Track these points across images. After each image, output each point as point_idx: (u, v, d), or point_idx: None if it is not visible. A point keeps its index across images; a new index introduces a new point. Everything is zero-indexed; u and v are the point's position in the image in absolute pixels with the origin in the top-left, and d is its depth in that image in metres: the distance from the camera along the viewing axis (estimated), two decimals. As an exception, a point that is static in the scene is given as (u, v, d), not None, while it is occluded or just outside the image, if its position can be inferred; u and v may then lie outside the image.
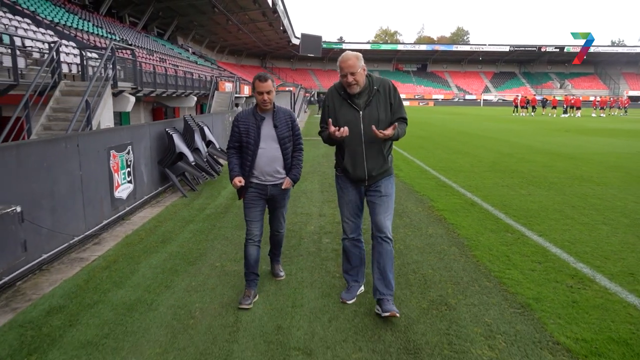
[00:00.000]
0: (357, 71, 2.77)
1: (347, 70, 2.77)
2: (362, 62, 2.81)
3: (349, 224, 3.06)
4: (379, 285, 2.91)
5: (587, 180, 7.58)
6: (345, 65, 2.77)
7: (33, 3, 20.00)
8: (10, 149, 3.41)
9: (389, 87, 2.89)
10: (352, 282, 3.18)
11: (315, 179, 7.92)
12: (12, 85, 9.60)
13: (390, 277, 2.90)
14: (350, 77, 2.77)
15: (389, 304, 2.85)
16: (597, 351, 2.50)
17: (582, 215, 5.34)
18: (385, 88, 2.87)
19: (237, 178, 3.10)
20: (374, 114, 2.82)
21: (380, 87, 2.87)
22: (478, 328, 2.77)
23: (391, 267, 2.92)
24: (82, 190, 4.37)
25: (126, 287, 3.39)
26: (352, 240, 3.09)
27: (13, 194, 3.33)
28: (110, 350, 2.54)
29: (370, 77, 2.88)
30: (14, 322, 2.89)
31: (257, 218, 3.16)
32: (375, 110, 2.83)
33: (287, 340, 2.66)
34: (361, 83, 2.81)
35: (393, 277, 2.95)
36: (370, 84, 2.86)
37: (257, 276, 3.22)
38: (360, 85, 2.81)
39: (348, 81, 2.78)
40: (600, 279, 3.49)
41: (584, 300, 3.13)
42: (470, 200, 6.12)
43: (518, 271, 3.64)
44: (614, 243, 4.32)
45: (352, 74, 2.76)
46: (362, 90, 2.84)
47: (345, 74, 2.77)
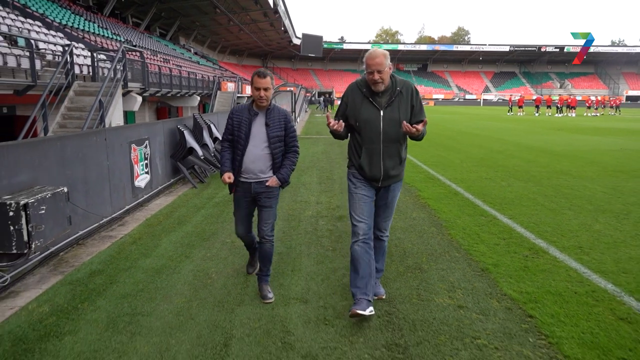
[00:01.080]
0: (385, 69, 2.74)
1: (374, 67, 2.73)
2: (389, 60, 2.77)
3: (361, 223, 2.89)
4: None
5: (565, 173, 8.20)
6: (372, 63, 2.73)
7: (41, 5, 20.66)
8: (54, 141, 4.05)
9: (412, 90, 2.87)
10: (360, 294, 2.79)
11: (314, 173, 8.55)
12: (31, 86, 10.27)
13: (377, 266, 3.08)
14: (377, 75, 2.74)
15: (377, 286, 3.15)
16: (535, 299, 3.12)
17: (551, 203, 5.96)
18: (409, 90, 2.86)
19: (226, 174, 3.07)
20: (394, 114, 2.81)
21: (404, 88, 2.85)
22: (443, 285, 3.40)
23: (379, 258, 3.12)
24: (109, 178, 5.01)
25: (152, 256, 4.03)
26: (363, 242, 2.86)
27: (58, 179, 3.97)
28: (146, 300, 3.18)
29: (393, 77, 2.85)
30: (64, 281, 3.53)
31: (244, 218, 3.23)
32: (396, 111, 2.81)
33: (287, 293, 3.29)
34: (387, 82, 2.79)
35: (383, 264, 3.20)
36: (393, 84, 2.84)
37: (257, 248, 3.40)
38: (385, 84, 2.79)
39: (374, 79, 2.75)
40: (553, 251, 4.12)
41: (534, 266, 3.75)
42: (454, 191, 6.75)
43: (484, 245, 4.27)
44: (573, 224, 4.95)
45: (379, 72, 2.73)
46: (385, 89, 2.82)
47: (372, 71, 2.73)
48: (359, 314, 2.68)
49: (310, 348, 2.58)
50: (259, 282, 3.26)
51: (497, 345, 2.59)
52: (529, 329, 2.76)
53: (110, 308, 3.06)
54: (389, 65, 2.77)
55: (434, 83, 73.39)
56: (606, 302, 3.10)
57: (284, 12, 45.11)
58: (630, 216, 5.28)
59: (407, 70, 76.39)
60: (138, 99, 14.47)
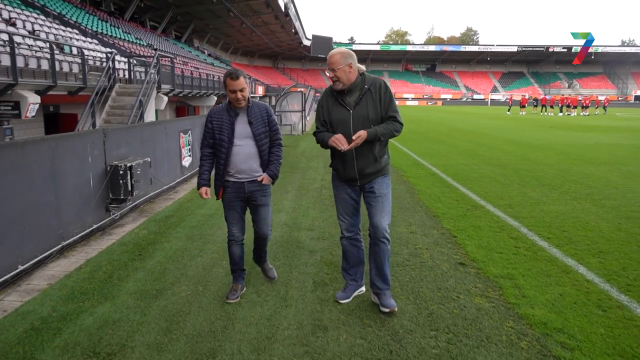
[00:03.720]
0: (340, 67, 2.74)
1: (329, 65, 2.78)
2: (349, 59, 2.76)
3: (344, 221, 3.02)
4: (376, 280, 3.00)
5: (531, 161, 9.74)
6: (328, 62, 2.78)
7: (73, 13, 22.65)
8: (138, 127, 5.79)
9: (379, 86, 2.83)
10: (350, 281, 3.13)
11: (320, 160, 10.23)
12: (81, 88, 12.11)
13: (386, 273, 2.97)
14: (331, 72, 2.77)
15: (387, 298, 2.96)
16: (462, 229, 4.75)
17: (506, 180, 7.55)
18: (376, 86, 2.82)
19: (203, 188, 3.03)
20: (363, 112, 2.79)
21: (372, 86, 2.82)
22: (404, 222, 5.04)
23: (387, 264, 2.98)
24: (167, 156, 6.75)
25: (204, 208, 5.75)
26: (349, 239, 3.03)
27: (141, 153, 5.71)
28: (207, 227, 4.88)
29: (363, 75, 2.84)
30: (150, 219, 5.26)
31: (237, 220, 3.12)
32: (365, 109, 2.79)
33: (299, 226, 4.97)
34: (344, 80, 2.77)
35: (389, 273, 3.05)
36: (362, 82, 2.82)
37: (244, 271, 3.28)
38: (343, 82, 2.78)
39: (330, 77, 2.80)
40: (489, 207, 5.73)
41: (471, 214, 5.38)
42: (433, 172, 8.37)
43: (441, 203, 5.90)
44: (513, 193, 6.55)
45: (333, 70, 2.76)
46: (352, 88, 2.81)
47: (328, 69, 2.79)
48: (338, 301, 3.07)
49: (312, 248, 4.25)
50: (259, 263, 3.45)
51: (427, 248, 4.24)
52: (450, 242, 4.40)
53: (186, 232, 4.77)
54: (349, 63, 2.76)
55: (442, 83, 74.50)
56: (507, 230, 4.74)
57: (295, 15, 46.82)
58: (562, 188, 6.86)
59: (416, 70, 77.61)
60: (164, 99, 16.28)
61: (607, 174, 8.05)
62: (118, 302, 3.13)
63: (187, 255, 4.08)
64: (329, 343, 2.61)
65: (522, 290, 3.28)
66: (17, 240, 3.54)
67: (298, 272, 3.68)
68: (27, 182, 3.66)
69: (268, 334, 2.72)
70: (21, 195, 3.58)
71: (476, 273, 3.62)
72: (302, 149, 12.12)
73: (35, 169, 3.75)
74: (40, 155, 3.83)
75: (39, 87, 10.59)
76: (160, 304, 3.10)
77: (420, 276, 3.57)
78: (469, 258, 3.95)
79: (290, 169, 8.89)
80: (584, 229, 4.76)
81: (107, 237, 4.65)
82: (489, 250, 4.15)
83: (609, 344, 2.59)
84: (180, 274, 3.63)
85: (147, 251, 4.19)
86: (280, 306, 3.08)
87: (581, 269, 3.69)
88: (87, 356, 2.50)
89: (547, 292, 3.24)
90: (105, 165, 4.87)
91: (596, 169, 8.68)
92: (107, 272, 3.68)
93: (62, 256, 4.06)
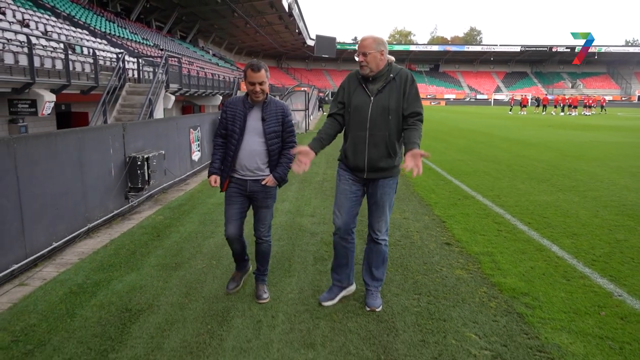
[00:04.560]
0: (371, 52, 2.69)
1: (360, 49, 2.71)
2: (382, 46, 2.71)
3: (338, 217, 2.90)
4: (365, 276, 3.02)
5: (525, 157, 10.13)
6: (359, 45, 2.73)
7: (82, 14, 23.18)
8: (153, 122, 6.25)
9: (406, 77, 2.75)
10: (336, 282, 3.04)
11: (323, 156, 10.64)
12: (93, 87, 12.61)
13: (375, 273, 2.96)
14: (362, 57, 2.71)
15: (372, 296, 2.96)
16: (451, 216, 5.17)
17: (498, 174, 7.95)
18: (402, 77, 2.74)
19: (213, 176, 2.98)
20: (384, 102, 2.71)
21: (398, 76, 2.75)
22: (399, 210, 5.47)
23: (378, 265, 2.95)
24: (178, 150, 7.20)
25: (214, 197, 6.19)
26: (339, 237, 2.94)
27: (155, 146, 6.16)
28: (219, 213, 5.32)
29: (390, 65, 2.78)
30: (164, 207, 5.71)
31: (235, 217, 3.01)
32: (386, 98, 2.72)
33: (302, 213, 5.40)
34: (373, 66, 2.71)
35: (382, 274, 3.00)
36: (388, 71, 2.76)
37: (247, 260, 3.29)
38: (371, 68, 2.71)
39: (359, 60, 2.73)
40: (478, 197, 6.15)
41: (461, 203, 5.80)
42: (429, 167, 8.78)
43: (434, 194, 6.32)
44: (503, 185, 6.95)
45: (364, 54, 2.70)
46: (378, 76, 2.75)
47: (358, 53, 2.72)
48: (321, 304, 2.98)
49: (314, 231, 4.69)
50: (256, 282, 3.20)
51: (418, 231, 4.66)
52: (439, 226, 4.82)
53: (198, 217, 5.22)
54: (381, 50, 2.70)
55: (446, 83, 74.74)
56: (492, 217, 5.15)
57: (299, 15, 47.25)
58: (549, 181, 7.26)
59: (420, 70, 77.87)
60: (172, 98, 16.76)
61: (595, 169, 8.43)
62: (142, 273, 3.58)
63: (201, 236, 4.53)
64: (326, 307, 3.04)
65: (498, 264, 3.71)
66: (51, 220, 3.99)
67: (300, 249, 4.12)
68: (59, 169, 4.11)
69: (274, 297, 3.16)
70: (54, 181, 4.04)
71: (459, 251, 4.04)
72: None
73: (65, 158, 4.21)
74: (69, 146, 4.29)
75: (54, 86, 11.08)
76: (179, 274, 3.55)
77: (409, 253, 3.99)
78: (454, 239, 4.37)
79: (294, 164, 9.33)
80: (563, 216, 5.17)
81: (127, 221, 5.11)
82: (474, 232, 4.57)
83: (567, 304, 3.00)
84: (195, 251, 4.07)
85: (164, 233, 4.64)
86: (284, 276, 3.52)
87: (554, 247, 4.10)
88: (120, 312, 2.94)
89: (520, 266, 3.66)
90: (125, 157, 5.33)
91: (586, 164, 9.06)
92: (130, 250, 4.13)
93: (88, 237, 4.51)
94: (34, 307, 3.03)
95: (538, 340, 2.57)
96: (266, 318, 2.87)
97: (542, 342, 2.55)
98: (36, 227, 3.78)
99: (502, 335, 2.63)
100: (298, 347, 2.53)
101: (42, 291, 3.27)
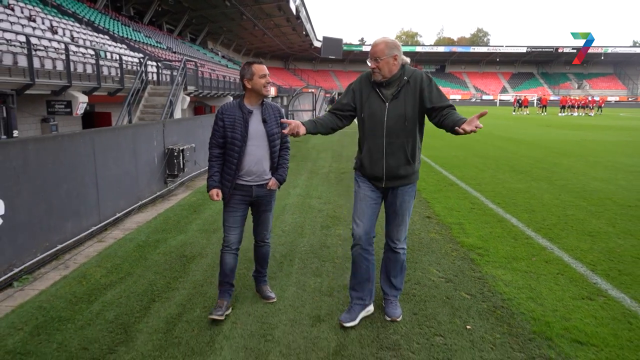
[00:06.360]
0: (384, 58, 2.58)
1: (372, 55, 2.62)
2: (395, 50, 2.60)
3: (358, 226, 2.78)
4: (384, 286, 2.95)
5: (514, 153, 11.10)
6: (371, 51, 2.62)
7: (101, 19, 24.44)
8: (185, 120, 7.34)
9: (420, 79, 2.64)
10: (356, 299, 2.86)
11: (329, 152, 11.73)
12: (119, 89, 13.78)
13: (393, 282, 2.90)
14: (373, 63, 2.61)
15: (392, 306, 2.90)
16: (436, 199, 6.19)
17: (484, 166, 8.95)
18: (417, 79, 2.64)
19: (214, 190, 2.90)
20: (399, 109, 2.63)
21: (411, 78, 2.64)
22: (391, 194, 6.50)
23: (397, 274, 2.89)
24: (203, 146, 8.30)
25: (236, 185, 7.27)
26: (360, 248, 2.80)
27: (187, 140, 7.26)
28: (241, 197, 6.40)
29: (404, 67, 2.66)
30: (194, 192, 6.80)
31: (237, 224, 2.96)
32: (402, 103, 2.62)
33: (310, 194, 6.45)
34: (385, 72, 2.62)
35: (401, 282, 2.94)
36: (402, 75, 2.65)
37: (232, 287, 3.06)
38: (383, 74, 2.62)
39: (371, 67, 2.64)
40: (461, 184, 7.17)
41: (446, 189, 6.82)
42: (423, 160, 9.80)
43: (424, 182, 7.35)
44: (486, 176, 7.96)
45: (376, 60, 2.60)
46: (392, 80, 2.64)
47: (370, 59, 2.63)
48: (342, 325, 2.76)
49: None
50: (258, 284, 3.20)
51: (406, 209, 5.68)
52: (424, 205, 5.85)
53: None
54: (394, 55, 2.60)
55: (452, 84, 75.40)
56: (469, 199, 6.17)
57: (306, 17, 48.35)
58: (528, 173, 8.25)
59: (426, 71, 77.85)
60: (187, 99, 17.92)
61: (574, 163, 9.40)
62: (189, 234, 4.66)
63: (229, 211, 5.61)
64: (330, 254, 4.10)
65: (465, 230, 4.74)
66: (115, 196, 5.09)
67: (310, 220, 5.18)
68: (121, 156, 5.21)
69: (291, 248, 4.23)
70: (118, 165, 5.13)
71: (437, 222, 5.08)
72: (312, 144, 13.62)
73: (125, 147, 5.31)
74: (127, 138, 5.39)
75: (85, 89, 12.26)
76: (218, 235, 4.62)
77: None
78: (434, 214, 5.41)
79: (303, 158, 10.39)
80: (529, 198, 6.18)
81: (167, 201, 6.20)
82: (451, 209, 5.60)
83: (509, 253, 4.04)
84: (227, 221, 5.15)
85: (200, 209, 5.73)
86: (298, 236, 4.58)
87: (513, 219, 5.13)
88: (179, 257, 4.02)
89: (481, 231, 4.69)
90: (164, 148, 6.43)
91: (566, 159, 10.03)
92: (175, 220, 5.21)
93: (139, 211, 5.61)
94: (115, 253, 4.13)
95: (480, 273, 3.61)
96: (285, 260, 3.93)
97: (482, 274, 3.58)
98: (106, 200, 4.88)
99: (455, 270, 3.67)
100: (309, 275, 3.59)
101: (118, 244, 4.37)
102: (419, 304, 3.12)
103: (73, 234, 4.30)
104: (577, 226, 4.87)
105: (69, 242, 4.21)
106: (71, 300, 3.20)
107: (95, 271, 3.72)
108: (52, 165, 3.99)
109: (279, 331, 2.78)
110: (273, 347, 2.61)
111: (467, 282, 3.46)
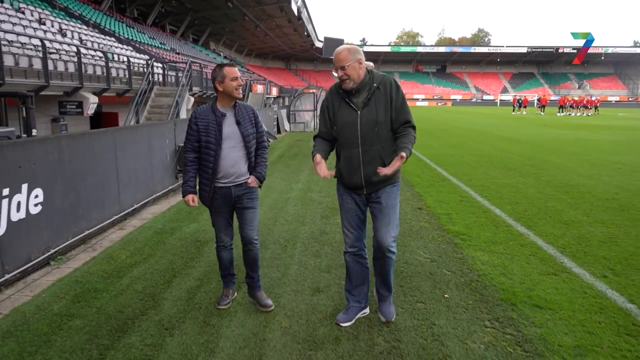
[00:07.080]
0: (349, 64, 2.60)
1: (337, 64, 2.63)
2: (357, 55, 2.62)
3: (348, 235, 2.86)
4: (380, 288, 2.96)
5: (507, 151, 11.55)
6: (335, 60, 2.63)
7: (106, 21, 24.94)
8: (191, 120, 7.83)
9: (390, 85, 2.66)
10: (353, 302, 2.95)
11: (329, 150, 12.21)
12: (127, 90, 14.28)
13: (390, 281, 2.93)
14: (341, 71, 2.63)
15: (388, 305, 2.96)
16: (428, 192, 6.66)
17: (478, 164, 9.41)
18: (387, 85, 2.66)
19: (190, 196, 2.93)
20: (372, 115, 2.64)
21: (381, 84, 2.66)
22: (387, 189, 6.97)
23: (392, 273, 2.91)
24: (210, 143, 8.79)
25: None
26: (352, 254, 2.87)
27: (194, 139, 7.74)
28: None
29: (371, 73, 2.69)
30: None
31: (224, 226, 3.05)
32: (373, 111, 2.64)
33: (311, 189, 6.92)
34: (355, 77, 2.63)
35: (392, 280, 2.95)
36: (370, 81, 2.66)
37: (234, 276, 3.23)
38: (353, 80, 2.63)
39: (339, 76, 2.64)
40: (454, 180, 7.63)
41: (438, 184, 7.29)
42: (420, 158, 10.27)
43: (418, 177, 7.82)
44: (477, 172, 8.41)
45: (342, 68, 2.61)
46: (361, 87, 2.66)
47: (336, 68, 2.63)
48: (339, 325, 2.85)
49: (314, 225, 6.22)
50: (252, 290, 3.16)
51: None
52: (416, 198, 6.31)
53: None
54: (358, 59, 2.62)
55: (452, 84, 75.76)
56: (459, 193, 6.64)
57: (307, 18, 48.78)
58: (518, 169, 8.70)
59: (427, 71, 79.00)
60: (191, 99, 18.43)
61: (564, 161, 9.84)
62: (201, 223, 5.14)
63: (237, 203, 6.09)
64: (329, 239, 4.57)
65: (452, 219, 5.20)
66: (133, 188, 5.57)
67: (311, 211, 5.65)
68: (138, 152, 5.70)
69: (294, 234, 4.71)
70: (135, 160, 5.62)
71: (427, 212, 5.54)
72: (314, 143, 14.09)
73: (141, 144, 5.79)
74: (144, 135, 5.87)
75: (95, 90, 12.76)
76: (227, 224, 5.09)
77: (390, 214, 5.50)
78: (425, 205, 5.88)
79: (305, 157, 10.84)
80: (514, 192, 6.63)
81: (178, 195, 6.68)
82: (441, 202, 6.06)
83: (489, 238, 4.51)
84: (235, 212, 5.63)
85: (209, 201, 6.20)
86: (299, 225, 5.06)
87: (497, 210, 5.59)
88: (194, 242, 4.49)
89: (466, 220, 5.16)
90: (175, 146, 6.91)
91: (557, 157, 10.47)
92: (187, 210, 5.69)
93: (154, 204, 6.09)
94: (136, 239, 4.61)
95: (461, 254, 4.08)
96: (289, 244, 4.41)
97: (463, 255, 4.05)
98: (125, 192, 5.36)
99: (439, 252, 4.15)
100: (310, 256, 4.06)
101: (137, 231, 4.86)
102: (405, 278, 3.59)
103: (97, 222, 4.78)
104: (555, 216, 5.33)
105: (94, 228, 4.69)
106: (103, 276, 3.68)
107: (121, 253, 4.20)
108: (81, 159, 4.48)
109: (284, 299, 3.25)
110: (279, 310, 3.09)
111: (449, 261, 3.92)
